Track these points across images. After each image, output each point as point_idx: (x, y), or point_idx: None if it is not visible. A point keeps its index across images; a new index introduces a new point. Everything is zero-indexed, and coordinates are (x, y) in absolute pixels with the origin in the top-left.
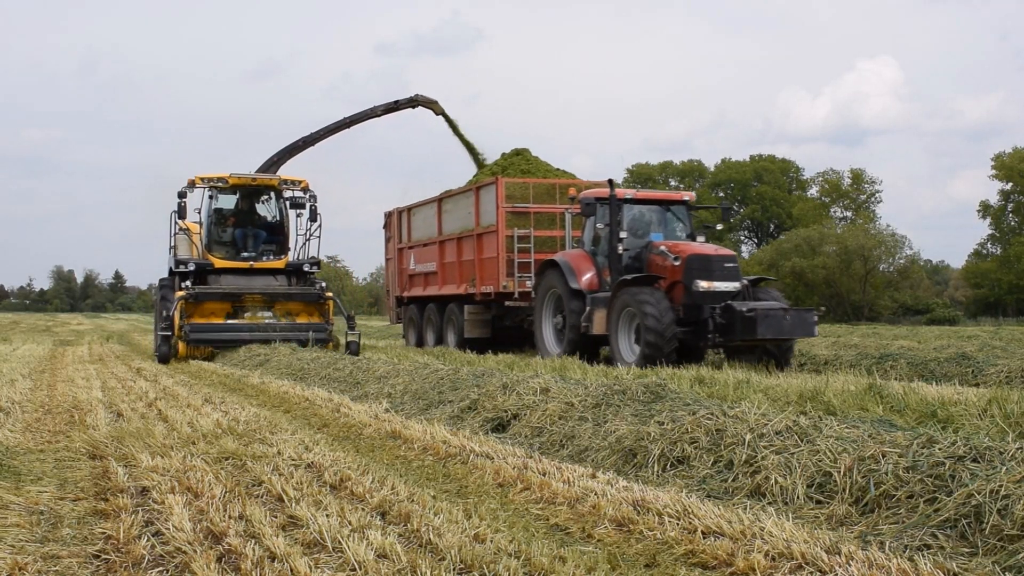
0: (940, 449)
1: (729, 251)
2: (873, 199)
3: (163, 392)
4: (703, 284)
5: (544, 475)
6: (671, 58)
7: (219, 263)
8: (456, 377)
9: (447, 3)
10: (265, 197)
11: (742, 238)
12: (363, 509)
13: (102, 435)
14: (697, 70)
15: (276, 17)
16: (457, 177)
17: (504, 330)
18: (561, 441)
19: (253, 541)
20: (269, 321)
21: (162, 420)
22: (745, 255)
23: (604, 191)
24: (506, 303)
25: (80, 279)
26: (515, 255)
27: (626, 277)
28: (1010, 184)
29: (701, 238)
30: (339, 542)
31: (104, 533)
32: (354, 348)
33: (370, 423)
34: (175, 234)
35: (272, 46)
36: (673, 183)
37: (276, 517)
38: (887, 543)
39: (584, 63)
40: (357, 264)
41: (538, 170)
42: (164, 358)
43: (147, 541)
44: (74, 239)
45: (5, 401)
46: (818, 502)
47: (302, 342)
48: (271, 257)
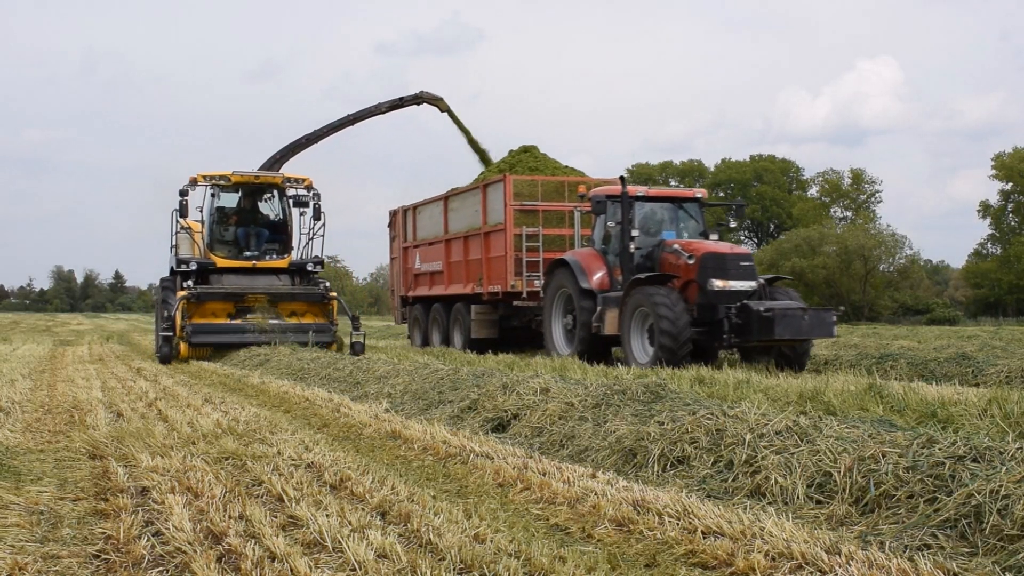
0: (940, 449)
1: (745, 249)
2: (873, 199)
3: (163, 392)
4: (718, 283)
5: (544, 475)
6: (671, 58)
7: (221, 262)
8: (456, 377)
9: (447, 3)
10: (268, 195)
11: (742, 238)
12: (363, 509)
13: (102, 435)
14: (697, 70)
15: (276, 17)
16: (458, 178)
17: (512, 330)
18: (561, 441)
19: (253, 541)
20: (275, 322)
21: (162, 420)
22: None
23: (615, 188)
24: (514, 303)
25: (80, 279)
26: (523, 254)
27: (639, 276)
28: (1010, 184)
29: (714, 236)
30: (339, 542)
31: (104, 533)
32: (359, 348)
33: (370, 423)
34: (176, 233)
35: (272, 46)
36: (673, 183)
37: (276, 517)
38: (887, 543)
39: (584, 63)
40: (357, 264)
41: (546, 167)
42: (165, 359)
43: (147, 541)
44: (74, 239)
45: (5, 401)
46: (818, 502)
47: (307, 343)
48: (274, 256)
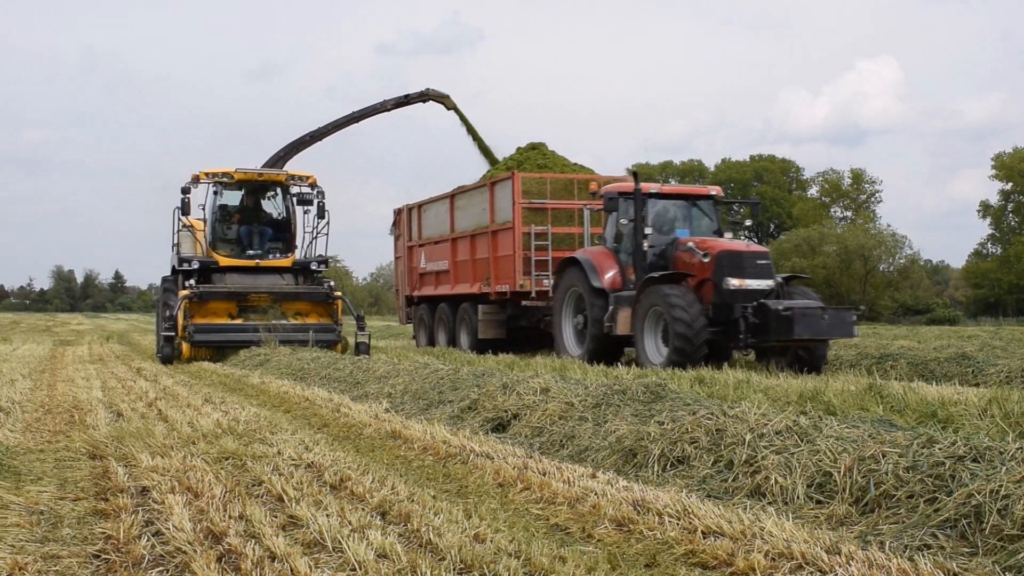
0: (940, 449)
1: (761, 247)
2: (873, 199)
3: (163, 392)
4: (734, 282)
5: (544, 475)
6: (671, 58)
7: (224, 261)
8: (456, 377)
9: (447, 3)
10: (271, 193)
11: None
12: (363, 509)
13: (102, 435)
14: (697, 70)
15: (276, 17)
16: (459, 178)
17: (520, 330)
18: (561, 441)
19: (253, 541)
20: (281, 322)
21: (162, 420)
22: None
23: (628, 185)
24: (523, 303)
25: (80, 279)
26: (532, 253)
27: (653, 275)
28: (1010, 184)
29: (728, 234)
30: (339, 542)
31: (104, 533)
32: (364, 349)
33: (370, 423)
34: (178, 231)
35: (272, 46)
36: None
37: (276, 517)
38: (887, 543)
39: (584, 63)
40: (357, 264)
41: (555, 165)
42: (167, 359)
43: (147, 541)
44: (74, 239)
45: (5, 401)
46: (818, 502)
47: (314, 343)
48: (277, 255)
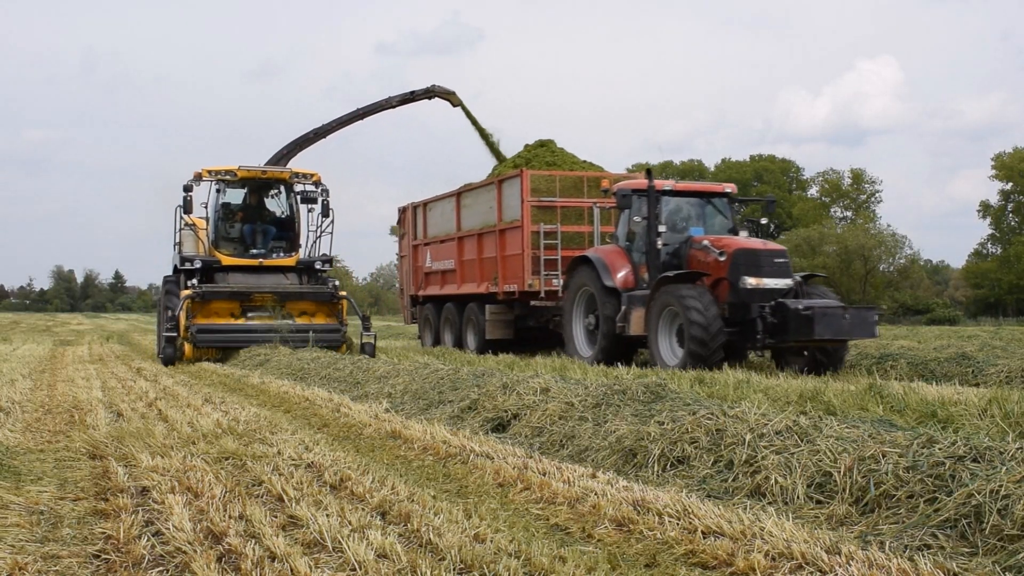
0: (940, 449)
1: (779, 246)
2: (873, 199)
3: (163, 392)
4: (751, 281)
5: (544, 475)
6: (671, 58)
7: (226, 260)
8: (456, 377)
9: (447, 3)
10: (275, 191)
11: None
12: (363, 509)
13: (102, 435)
14: (697, 70)
15: (276, 17)
16: (461, 178)
17: (528, 331)
18: (561, 441)
19: (253, 541)
20: (288, 322)
21: (162, 420)
22: None
23: (641, 183)
24: (531, 303)
25: (80, 279)
26: (541, 252)
27: (667, 274)
28: (1010, 184)
29: (744, 232)
30: (339, 542)
31: (104, 533)
32: (369, 350)
33: (370, 423)
34: (180, 230)
35: (272, 46)
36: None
37: (276, 517)
38: (887, 543)
39: (584, 63)
40: (357, 264)
41: (564, 162)
42: (169, 360)
43: (147, 541)
44: (74, 239)
45: (5, 401)
46: (818, 502)
47: (320, 344)
48: (281, 254)
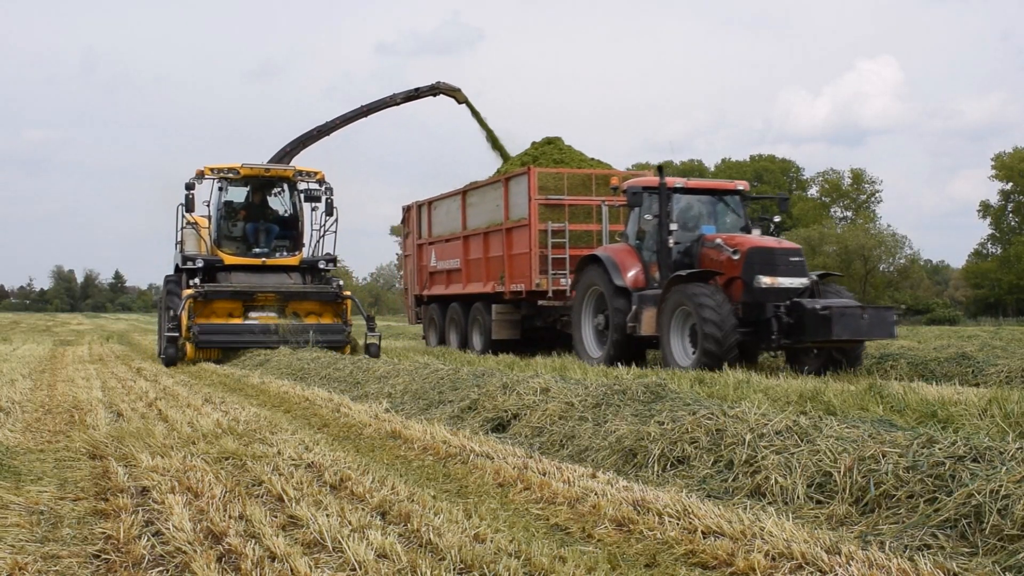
0: (940, 449)
1: (794, 244)
2: (873, 199)
3: (163, 392)
4: (766, 280)
5: (544, 475)
6: (671, 58)
7: (229, 259)
8: (456, 377)
9: (447, 3)
10: (278, 189)
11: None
12: (363, 509)
13: (102, 435)
14: (697, 70)
15: (276, 17)
16: (462, 178)
17: (535, 331)
18: (561, 441)
19: (253, 541)
20: (294, 323)
21: (162, 420)
22: None
23: (652, 180)
24: (539, 303)
25: (80, 279)
26: (548, 250)
27: (680, 273)
28: (1010, 184)
29: (756, 231)
30: (339, 542)
31: (104, 533)
32: (374, 351)
33: (370, 423)
34: (182, 228)
35: (272, 46)
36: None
37: (276, 517)
38: (887, 543)
39: (584, 63)
40: (357, 264)
41: (572, 160)
42: (171, 360)
43: (147, 541)
44: (74, 239)
45: (5, 401)
46: (818, 502)
47: (323, 344)
48: (284, 253)
